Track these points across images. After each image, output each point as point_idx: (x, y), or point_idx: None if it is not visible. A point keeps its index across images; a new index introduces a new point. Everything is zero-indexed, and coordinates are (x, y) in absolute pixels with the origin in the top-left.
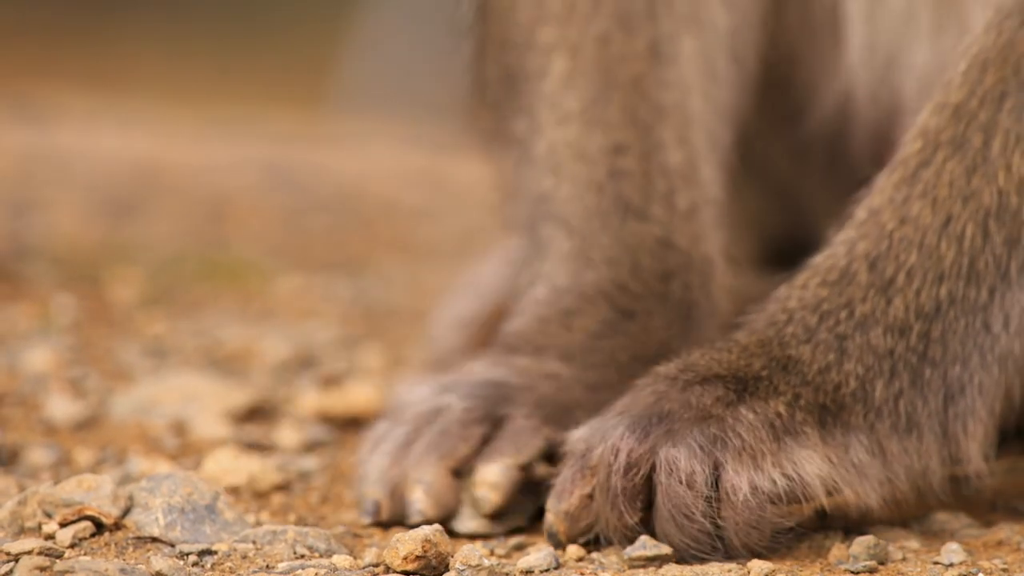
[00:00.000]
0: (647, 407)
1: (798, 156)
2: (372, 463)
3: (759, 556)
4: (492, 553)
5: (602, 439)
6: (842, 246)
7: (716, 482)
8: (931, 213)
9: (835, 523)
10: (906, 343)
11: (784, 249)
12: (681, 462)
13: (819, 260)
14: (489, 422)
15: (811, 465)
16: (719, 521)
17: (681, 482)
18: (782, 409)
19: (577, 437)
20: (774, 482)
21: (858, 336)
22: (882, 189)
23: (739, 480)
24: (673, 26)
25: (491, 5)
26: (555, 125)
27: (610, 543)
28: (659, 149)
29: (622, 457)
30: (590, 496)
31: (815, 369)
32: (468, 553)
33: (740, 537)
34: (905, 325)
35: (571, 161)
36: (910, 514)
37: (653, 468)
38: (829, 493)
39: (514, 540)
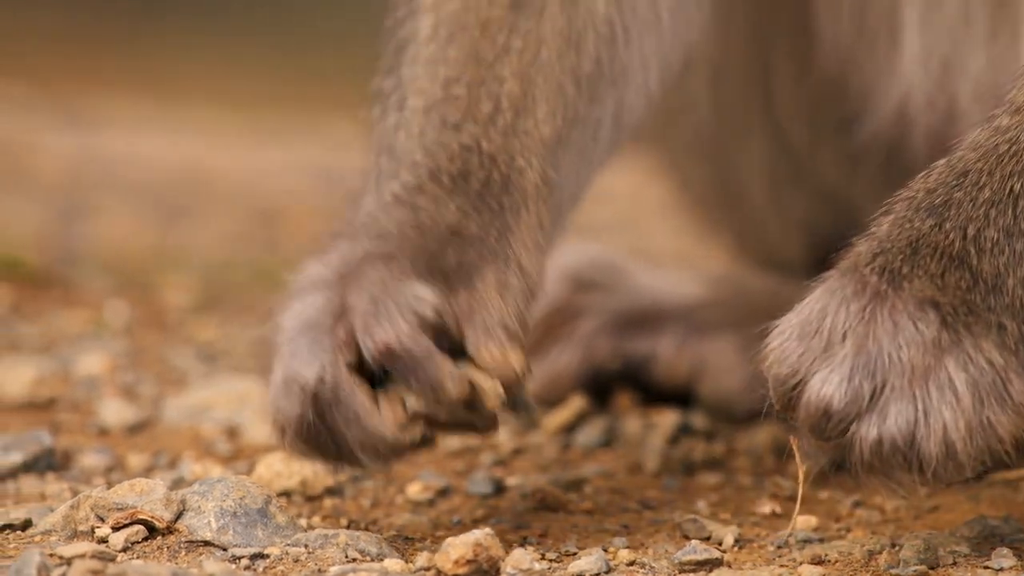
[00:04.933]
0: (851, 350)
1: (851, 161)
2: None
3: (812, 551)
4: (543, 557)
5: (808, 385)
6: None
7: (916, 455)
8: None
9: (882, 527)
10: None
11: (833, 252)
12: (884, 443)
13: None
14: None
15: (1005, 428)
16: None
17: (878, 457)
18: (994, 354)
19: (778, 360)
20: (967, 455)
21: None
22: None
23: (931, 457)
24: None
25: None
26: (406, 68)
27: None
28: (494, 79)
29: (829, 416)
30: None
31: (1020, 293)
32: (519, 557)
33: (936, 481)
34: None
35: (411, 95)
36: None
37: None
38: (1018, 445)
39: (565, 545)
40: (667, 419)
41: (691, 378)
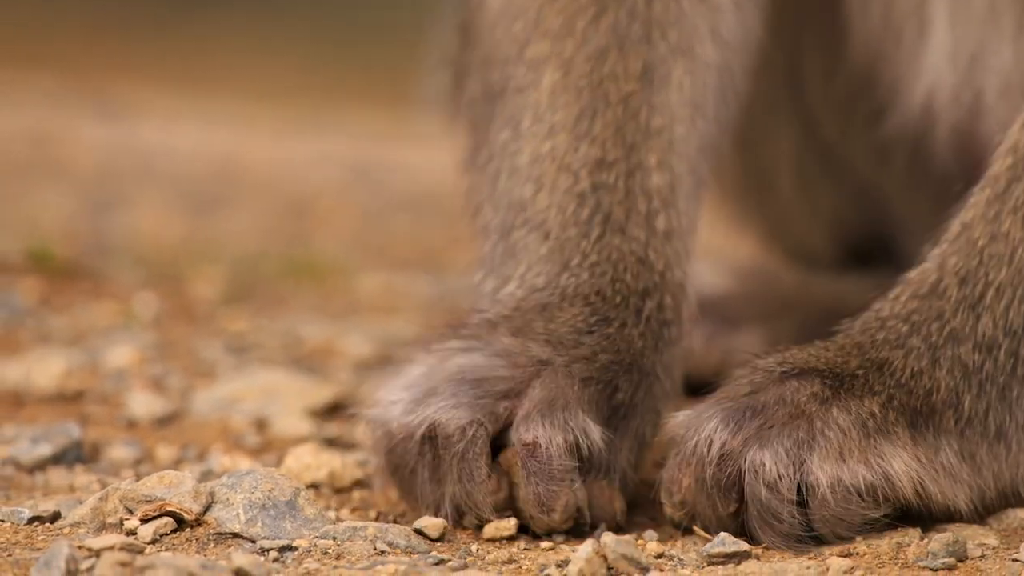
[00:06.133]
0: (743, 398)
1: (879, 155)
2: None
3: (841, 544)
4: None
5: (697, 430)
6: (933, 260)
7: (804, 479)
8: (1021, 229)
9: (910, 520)
10: (994, 361)
11: (862, 246)
12: (767, 466)
13: (912, 275)
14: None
15: (899, 462)
16: (808, 514)
17: (766, 486)
18: (876, 409)
19: (677, 423)
20: (859, 476)
21: (949, 349)
22: (974, 204)
23: (821, 475)
24: (666, 53)
25: (479, 23)
26: (541, 136)
27: (707, 531)
28: (642, 169)
29: (715, 450)
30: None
31: (908, 373)
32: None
33: (827, 528)
34: (993, 342)
35: (554, 171)
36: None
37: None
38: (916, 491)
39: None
40: None
41: (720, 370)
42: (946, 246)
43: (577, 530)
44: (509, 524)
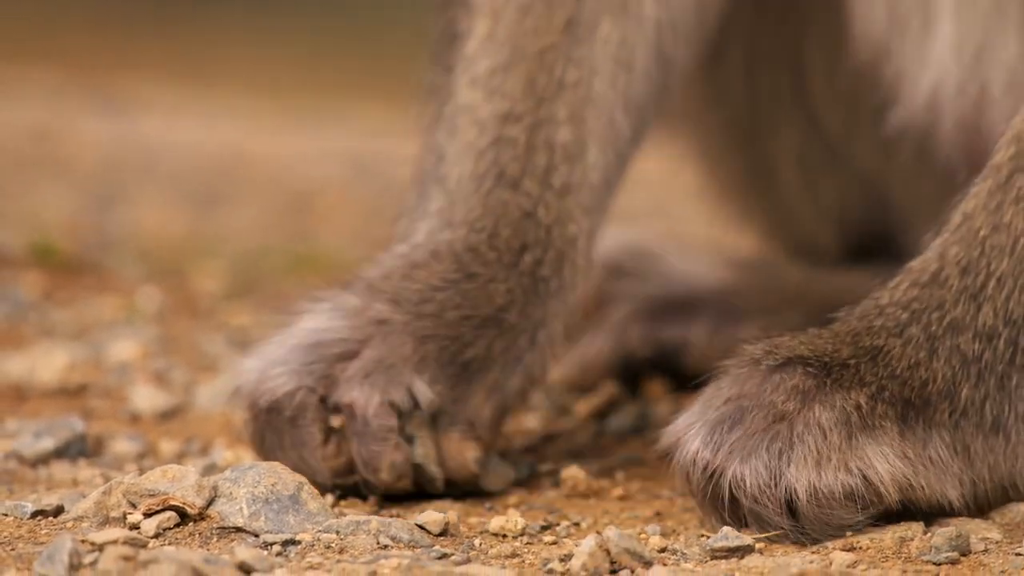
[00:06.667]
0: (722, 407)
1: (883, 149)
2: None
3: (844, 538)
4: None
5: (682, 450)
6: (935, 249)
7: (783, 490)
8: (1023, 219)
9: (913, 514)
10: (993, 350)
11: (865, 241)
12: (748, 481)
13: (914, 264)
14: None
15: (882, 462)
16: (796, 519)
17: (750, 499)
18: (863, 401)
19: (666, 437)
20: (837, 483)
21: (948, 339)
22: (976, 194)
23: (798, 486)
24: (595, 7)
25: None
26: (463, 88)
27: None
28: (550, 123)
29: (699, 470)
30: None
31: (904, 363)
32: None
33: (815, 532)
34: (993, 332)
35: (466, 125)
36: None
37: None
38: (901, 490)
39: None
40: None
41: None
42: (948, 235)
43: (429, 485)
44: (515, 521)
